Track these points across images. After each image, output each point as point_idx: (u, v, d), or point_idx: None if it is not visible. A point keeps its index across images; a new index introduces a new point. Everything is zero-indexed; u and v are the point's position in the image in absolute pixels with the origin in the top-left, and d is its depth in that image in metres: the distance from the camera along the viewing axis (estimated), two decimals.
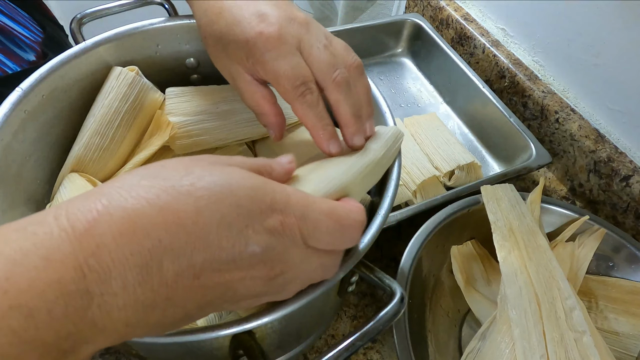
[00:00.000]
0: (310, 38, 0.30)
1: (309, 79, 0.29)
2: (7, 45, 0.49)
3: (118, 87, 0.38)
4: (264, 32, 0.29)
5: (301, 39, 0.30)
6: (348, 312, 0.48)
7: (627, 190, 0.53)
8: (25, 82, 0.34)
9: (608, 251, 0.47)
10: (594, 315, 0.45)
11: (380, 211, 0.32)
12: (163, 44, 0.42)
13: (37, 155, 0.36)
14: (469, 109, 0.67)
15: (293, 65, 0.29)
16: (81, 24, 0.42)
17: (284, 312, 0.26)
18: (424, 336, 0.43)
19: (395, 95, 0.71)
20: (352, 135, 0.30)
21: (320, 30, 0.31)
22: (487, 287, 0.47)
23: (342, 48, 0.31)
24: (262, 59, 0.29)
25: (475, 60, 0.72)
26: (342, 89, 0.30)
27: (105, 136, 0.37)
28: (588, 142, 0.57)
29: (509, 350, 0.38)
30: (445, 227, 0.46)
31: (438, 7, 0.76)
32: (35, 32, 0.54)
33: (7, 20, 0.50)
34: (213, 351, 0.30)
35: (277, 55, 0.29)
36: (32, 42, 0.52)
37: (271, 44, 0.29)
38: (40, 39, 0.54)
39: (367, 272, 0.31)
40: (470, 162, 0.56)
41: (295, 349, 0.40)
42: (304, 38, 0.30)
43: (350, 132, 0.30)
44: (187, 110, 0.39)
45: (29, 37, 0.52)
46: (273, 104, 0.33)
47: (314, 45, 0.29)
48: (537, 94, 0.62)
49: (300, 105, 0.29)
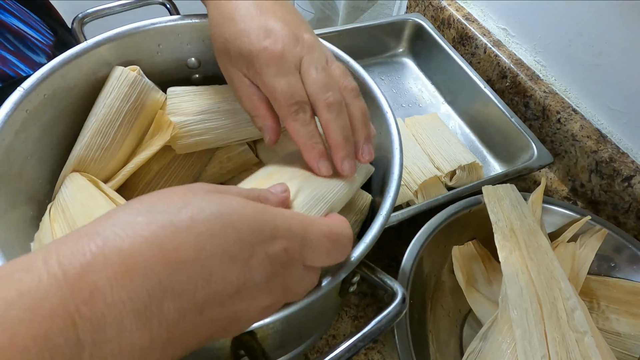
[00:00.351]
0: (310, 59, 0.30)
1: (304, 99, 0.30)
2: (20, 48, 0.50)
3: (119, 87, 0.38)
4: (268, 48, 0.30)
5: (302, 59, 0.30)
6: (349, 312, 0.47)
7: (628, 190, 0.53)
8: (26, 82, 0.34)
9: (609, 252, 0.47)
10: (595, 316, 0.45)
11: (382, 211, 0.32)
12: (164, 43, 0.42)
13: (38, 155, 0.36)
14: (470, 109, 0.67)
15: (290, 84, 0.30)
16: (82, 23, 0.42)
17: (285, 313, 0.26)
18: (425, 336, 0.43)
19: (396, 95, 0.71)
20: (342, 159, 0.31)
21: (323, 53, 0.32)
22: (488, 288, 0.47)
23: (339, 72, 0.32)
24: (262, 72, 0.30)
25: (477, 60, 0.72)
26: (333, 110, 0.30)
27: (107, 136, 0.37)
28: (590, 142, 0.57)
29: (510, 350, 0.38)
30: (447, 227, 0.46)
31: (439, 7, 0.76)
32: (46, 36, 0.54)
33: (20, 24, 0.51)
34: (214, 351, 0.30)
35: (276, 72, 0.30)
36: (43, 45, 0.53)
37: (272, 60, 0.30)
38: (52, 42, 0.55)
39: (368, 273, 0.31)
40: (471, 162, 0.56)
41: (296, 349, 0.40)
42: (304, 58, 0.30)
43: (339, 156, 0.31)
44: (189, 110, 0.39)
45: (41, 40, 0.53)
46: (269, 107, 0.33)
47: (312, 65, 0.30)
48: (539, 94, 0.62)
49: (293, 123, 0.30)
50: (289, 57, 0.30)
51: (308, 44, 0.31)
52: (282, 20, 0.31)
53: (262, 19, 0.31)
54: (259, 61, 0.30)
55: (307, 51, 0.31)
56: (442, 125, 0.62)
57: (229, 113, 0.40)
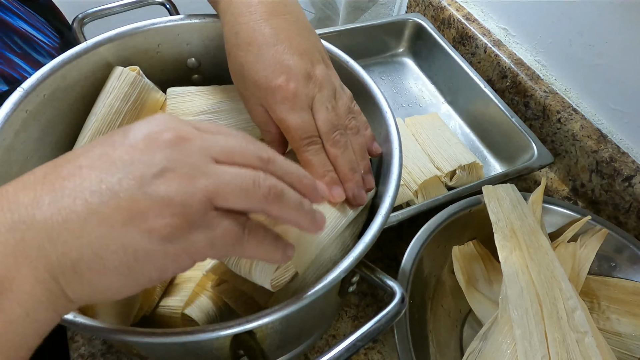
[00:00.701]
0: (321, 98, 0.33)
1: (315, 134, 0.33)
2: (27, 50, 0.50)
3: (119, 87, 0.38)
4: (283, 87, 0.32)
5: (314, 98, 0.33)
6: (349, 312, 0.47)
7: (629, 190, 0.53)
8: (26, 82, 0.34)
9: (610, 251, 0.47)
10: (595, 316, 0.45)
11: (381, 211, 0.32)
12: (164, 44, 0.42)
13: (38, 155, 0.36)
14: (470, 109, 0.67)
15: (303, 121, 0.32)
16: (82, 23, 0.42)
17: (284, 312, 0.26)
18: (425, 336, 0.43)
19: (396, 95, 0.71)
20: (352, 189, 0.33)
21: (332, 87, 0.34)
22: (489, 288, 0.47)
23: (344, 109, 0.35)
24: (276, 107, 0.33)
25: (477, 60, 0.71)
26: (340, 146, 0.33)
27: None
28: (590, 142, 0.57)
29: (511, 350, 0.38)
30: (447, 227, 0.46)
31: (439, 7, 0.76)
32: (52, 38, 0.55)
33: (27, 27, 0.51)
34: (214, 351, 0.30)
35: (289, 108, 0.32)
36: (49, 48, 0.53)
37: (287, 99, 0.32)
38: (57, 44, 0.55)
39: (368, 273, 0.31)
40: (471, 162, 0.56)
41: (296, 349, 0.40)
42: (316, 97, 0.33)
43: (350, 186, 0.33)
44: (189, 110, 0.39)
45: (47, 42, 0.53)
46: (279, 129, 0.35)
47: (323, 105, 0.33)
48: (539, 94, 0.62)
49: (305, 153, 0.33)
50: (302, 97, 0.32)
51: (319, 82, 0.33)
52: (298, 53, 0.33)
53: (279, 51, 0.33)
54: (274, 97, 0.32)
55: (318, 89, 0.33)
56: (443, 125, 0.62)
57: (228, 113, 0.40)
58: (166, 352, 0.33)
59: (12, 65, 0.47)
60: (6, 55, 0.47)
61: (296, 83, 0.32)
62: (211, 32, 0.43)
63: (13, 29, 0.49)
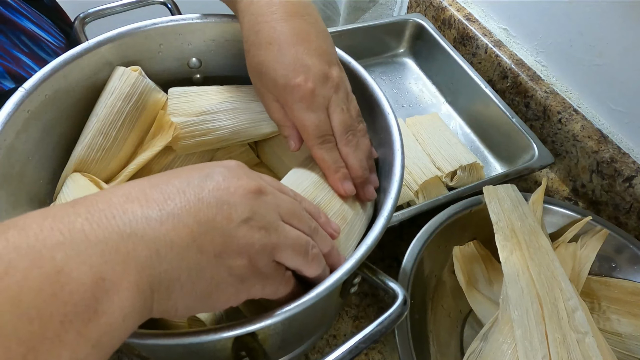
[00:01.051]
0: (337, 99, 0.35)
1: (329, 133, 0.35)
2: (35, 50, 0.50)
3: (121, 87, 0.37)
4: (301, 86, 0.33)
5: (330, 99, 0.34)
6: (350, 313, 0.48)
7: (630, 190, 0.53)
8: (28, 82, 0.34)
9: (610, 252, 0.47)
10: (596, 316, 0.45)
11: (384, 212, 0.32)
12: (166, 43, 0.42)
13: (39, 155, 0.36)
14: (471, 109, 0.67)
15: (320, 120, 0.34)
16: (84, 23, 0.42)
17: (286, 314, 0.26)
18: (425, 336, 0.43)
19: (397, 96, 0.71)
20: (363, 185, 0.35)
21: (345, 89, 0.36)
22: (489, 288, 0.47)
23: (355, 112, 0.36)
24: (293, 105, 0.34)
25: (478, 61, 0.71)
26: (352, 145, 0.35)
27: (108, 136, 0.37)
28: (591, 142, 0.57)
29: (511, 351, 0.38)
30: (447, 228, 0.46)
31: (440, 7, 0.76)
32: (58, 38, 0.55)
33: (34, 27, 0.51)
34: (215, 352, 0.30)
35: (306, 107, 0.34)
36: (56, 48, 0.53)
37: (304, 98, 0.33)
38: (64, 45, 0.55)
39: (369, 274, 0.31)
40: (472, 163, 0.56)
41: (297, 350, 0.41)
42: (332, 98, 0.34)
43: (360, 182, 0.35)
44: (190, 110, 0.39)
45: (54, 42, 0.54)
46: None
47: (338, 107, 0.35)
48: (540, 95, 0.62)
49: (319, 150, 0.34)
50: (319, 98, 0.34)
51: (336, 83, 0.35)
52: (317, 54, 0.34)
53: (299, 51, 0.34)
54: (292, 96, 0.33)
55: (334, 91, 0.34)
56: (443, 126, 0.62)
57: (230, 113, 0.40)
58: (168, 353, 0.33)
59: (20, 64, 0.48)
60: (14, 54, 0.48)
61: (314, 83, 0.33)
62: (213, 32, 0.43)
63: (21, 29, 0.49)
